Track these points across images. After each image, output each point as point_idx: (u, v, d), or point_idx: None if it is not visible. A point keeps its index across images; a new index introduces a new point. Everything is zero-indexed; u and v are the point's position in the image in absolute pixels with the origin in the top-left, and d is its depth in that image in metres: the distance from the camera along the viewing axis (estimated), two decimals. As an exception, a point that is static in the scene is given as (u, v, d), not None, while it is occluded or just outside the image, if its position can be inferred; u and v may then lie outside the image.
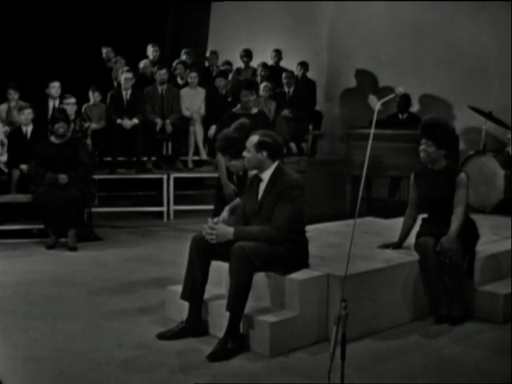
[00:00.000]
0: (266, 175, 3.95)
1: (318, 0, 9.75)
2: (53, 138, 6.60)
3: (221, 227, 3.83)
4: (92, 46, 8.95)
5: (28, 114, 7.01)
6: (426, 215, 4.54)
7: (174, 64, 8.92)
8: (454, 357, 3.75)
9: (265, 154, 3.91)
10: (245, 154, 3.98)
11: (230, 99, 8.44)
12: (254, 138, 3.95)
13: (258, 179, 4.01)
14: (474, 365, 3.65)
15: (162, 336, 3.93)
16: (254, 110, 5.58)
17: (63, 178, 6.35)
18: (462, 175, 4.33)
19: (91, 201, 6.94)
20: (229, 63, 9.59)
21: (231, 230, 3.82)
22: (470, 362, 3.68)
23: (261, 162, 3.92)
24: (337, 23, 9.76)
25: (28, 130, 7.03)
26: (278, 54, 9.62)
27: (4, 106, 7.74)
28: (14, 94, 7.61)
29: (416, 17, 8.81)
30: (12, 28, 8.71)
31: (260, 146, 3.91)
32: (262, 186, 3.96)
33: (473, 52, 8.32)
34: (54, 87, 7.61)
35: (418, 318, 4.31)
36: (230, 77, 9.45)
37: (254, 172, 4.08)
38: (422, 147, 4.35)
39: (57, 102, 7.63)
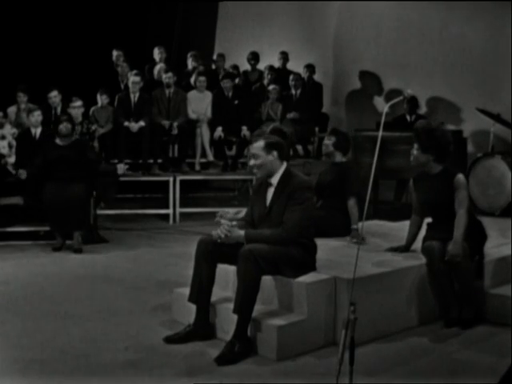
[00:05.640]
0: (275, 179, 3.94)
1: (325, 0, 9.73)
2: (58, 140, 6.58)
3: (232, 230, 3.83)
4: (100, 48, 8.96)
5: (37, 116, 7.01)
6: (430, 219, 4.50)
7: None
8: (465, 360, 3.72)
9: (275, 153, 3.89)
10: (252, 162, 3.93)
11: (236, 102, 8.48)
12: (260, 143, 3.92)
13: (266, 184, 3.99)
14: (486, 368, 3.60)
15: (169, 339, 3.90)
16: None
17: (22, 173, 6.46)
18: (460, 176, 4.25)
19: (110, 197, 7.02)
20: (236, 67, 9.57)
21: (242, 232, 3.82)
22: (482, 366, 3.64)
23: (272, 164, 3.89)
24: (343, 26, 9.74)
25: (37, 132, 7.02)
26: (285, 56, 9.61)
27: (13, 108, 7.77)
28: (22, 97, 7.65)
29: (422, 19, 8.79)
30: (21, 31, 8.74)
31: (269, 147, 3.90)
32: (271, 190, 3.95)
33: (480, 54, 8.28)
34: (51, 98, 7.60)
35: (427, 322, 4.27)
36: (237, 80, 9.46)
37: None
38: (411, 150, 4.35)
39: (59, 108, 7.62)
